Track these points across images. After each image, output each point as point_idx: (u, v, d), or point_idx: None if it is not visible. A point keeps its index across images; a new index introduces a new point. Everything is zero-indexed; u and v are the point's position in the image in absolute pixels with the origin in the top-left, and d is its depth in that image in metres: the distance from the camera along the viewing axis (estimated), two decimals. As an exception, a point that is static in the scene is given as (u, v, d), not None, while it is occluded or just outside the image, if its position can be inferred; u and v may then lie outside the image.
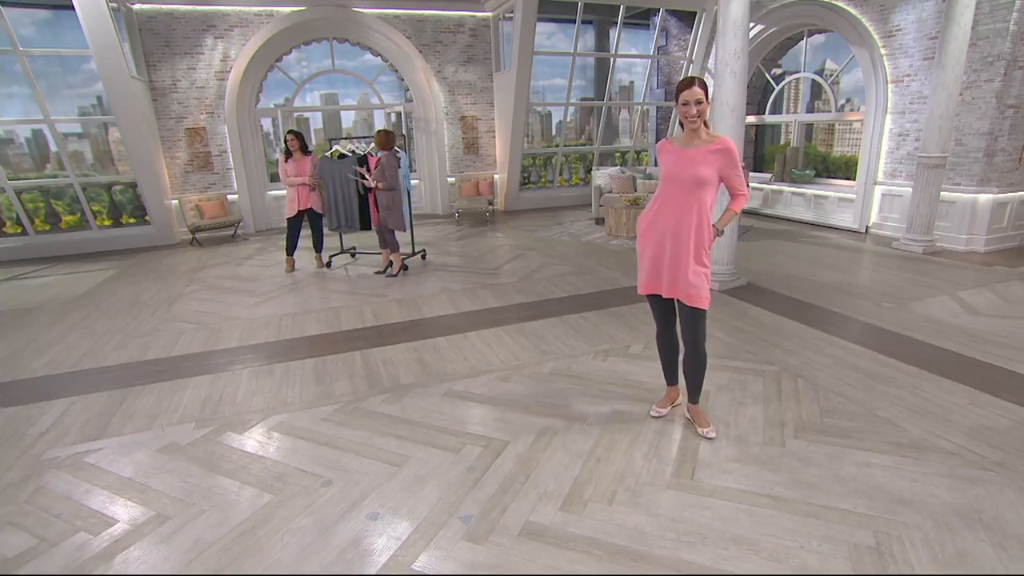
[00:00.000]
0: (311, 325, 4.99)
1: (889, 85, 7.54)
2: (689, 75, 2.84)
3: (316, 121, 11.11)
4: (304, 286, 6.30)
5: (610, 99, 11.64)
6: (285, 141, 6.65)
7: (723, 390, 3.51)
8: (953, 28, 6.23)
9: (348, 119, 11.35)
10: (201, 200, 9.06)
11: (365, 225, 6.75)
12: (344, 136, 8.50)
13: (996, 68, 6.47)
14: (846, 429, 3.05)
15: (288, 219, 6.83)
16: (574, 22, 10.45)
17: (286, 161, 6.60)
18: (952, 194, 6.89)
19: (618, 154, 12.71)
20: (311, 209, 6.79)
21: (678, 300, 2.88)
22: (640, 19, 12.28)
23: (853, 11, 7.75)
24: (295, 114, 10.25)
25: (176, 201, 9.13)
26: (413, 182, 10.41)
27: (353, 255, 7.54)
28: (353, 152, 6.73)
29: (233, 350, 4.45)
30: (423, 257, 7.37)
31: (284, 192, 9.31)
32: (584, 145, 12.91)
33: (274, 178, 9.87)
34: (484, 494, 2.58)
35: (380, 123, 11.13)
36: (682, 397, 3.30)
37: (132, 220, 9.07)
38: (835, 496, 2.50)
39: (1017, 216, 7.03)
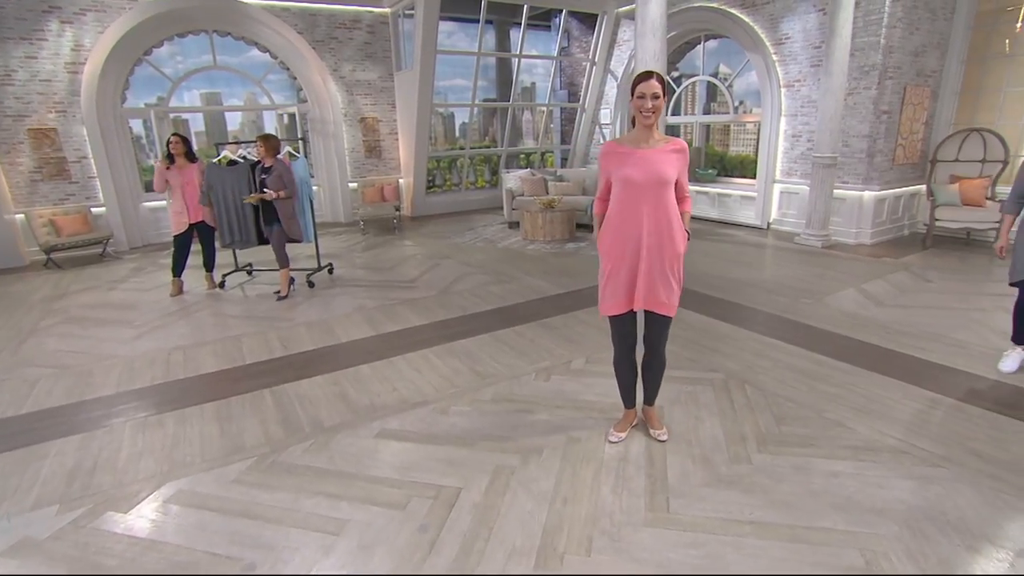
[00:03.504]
0: (207, 359, 4.30)
1: (782, 89, 7.98)
2: (646, 69, 2.63)
3: (197, 123, 9.95)
4: (195, 312, 5.49)
5: (514, 100, 11.48)
6: (168, 144, 5.78)
7: (676, 404, 3.37)
8: (836, 39, 6.67)
9: (234, 121, 10.30)
10: (56, 214, 7.74)
11: (263, 239, 6.04)
12: (232, 140, 7.61)
13: (871, 77, 7.01)
14: (803, 436, 3.00)
15: (175, 236, 5.95)
16: (474, 21, 10.18)
17: (167, 168, 5.73)
18: (842, 191, 7.40)
19: (523, 155, 12.62)
20: (202, 222, 5.96)
21: (648, 311, 2.70)
22: (541, 20, 12.26)
23: (747, 19, 8.13)
24: (171, 115, 9.10)
25: (22, 215, 7.72)
26: (313, 188, 9.63)
27: (250, 272, 6.76)
28: (244, 158, 6.00)
29: (109, 399, 3.69)
30: (330, 271, 6.75)
31: (163, 203, 8.29)
32: (488, 147, 12.69)
33: (149, 187, 8.68)
34: (444, 559, 2.21)
35: (271, 125, 10.20)
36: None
37: (-39, 240, 7.57)
38: (814, 514, 2.40)
39: (892, 211, 7.69)
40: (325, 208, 10.22)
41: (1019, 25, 7.22)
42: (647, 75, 2.50)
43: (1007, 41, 7.40)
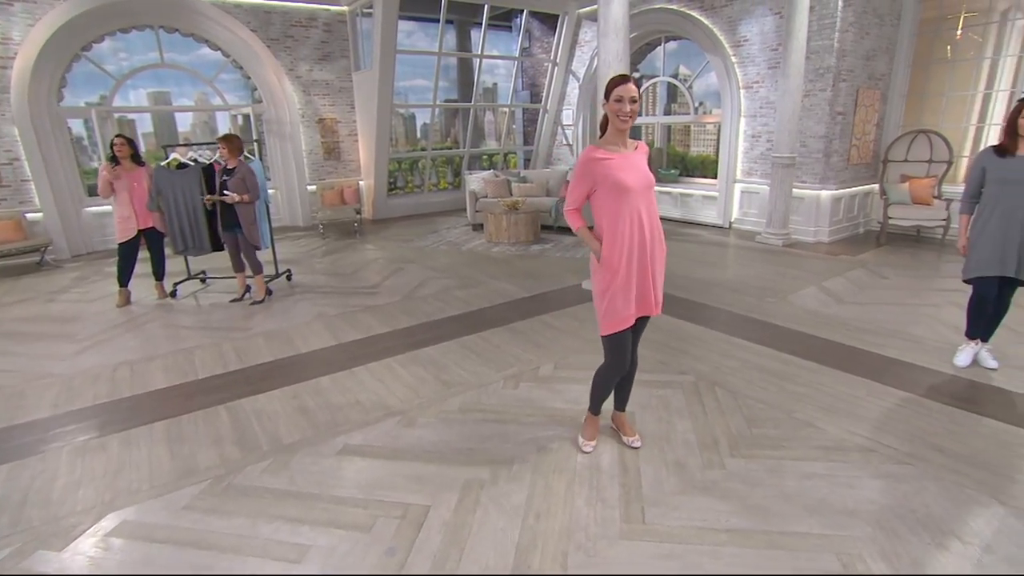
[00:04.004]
0: (157, 375, 4.05)
1: (741, 90, 8.11)
2: (620, 73, 2.59)
3: (144, 124, 9.47)
4: (144, 323, 5.19)
5: (476, 101, 11.37)
6: (111, 146, 5.44)
7: (647, 409, 3.33)
8: (793, 42, 6.80)
9: (185, 122, 9.85)
10: (-14, 221, 7.25)
11: (217, 245, 5.77)
12: (182, 142, 7.27)
13: (826, 79, 7.18)
14: (774, 438, 3.00)
15: (121, 244, 5.61)
16: (434, 21, 10.04)
17: (113, 170, 5.41)
18: (801, 190, 7.56)
19: (485, 157, 12.52)
20: (152, 228, 5.65)
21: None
22: (502, 21, 12.19)
23: (706, 21, 8.23)
24: (116, 115, 8.64)
25: (-52, 223, 7.21)
26: (269, 191, 9.29)
27: (203, 280, 6.45)
28: (195, 161, 5.72)
29: (44, 422, 3.41)
30: (288, 278, 6.50)
31: (108, 208, 7.86)
32: (451, 148, 12.55)
33: (93, 191, 8.21)
34: (413, 584, 2.10)
35: (224, 126, 9.81)
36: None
37: None
38: (789, 519, 2.38)
39: (847, 210, 7.90)
40: (283, 212, 9.91)
41: (959, 32, 7.55)
42: (624, 79, 2.45)
43: (948, 47, 7.72)
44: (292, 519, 2.46)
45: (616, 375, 2.79)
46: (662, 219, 2.69)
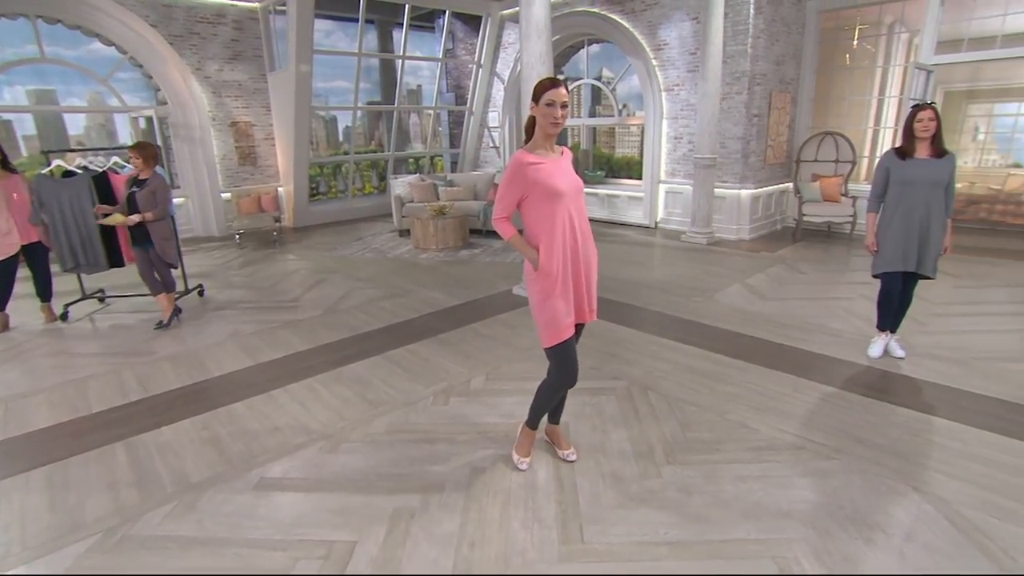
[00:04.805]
0: (40, 412, 3.58)
1: (663, 93, 8.30)
2: (549, 76, 2.52)
3: (25, 125, 8.55)
4: (26, 352, 4.62)
5: (400, 103, 11.08)
6: None
7: (581, 418, 3.26)
8: (710, 47, 7.01)
9: (76, 125, 8.98)
10: None
11: (115, 261, 5.25)
12: (73, 147, 6.60)
13: (742, 83, 7.46)
14: (708, 442, 3.00)
15: None
16: (353, 20, 9.68)
17: None
18: (722, 190, 7.82)
19: (411, 160, 12.24)
20: (36, 243, 5.06)
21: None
22: (425, 21, 11.95)
23: (627, 24, 8.37)
24: (-12, 116, 7.76)
25: None
26: (177, 200, 8.63)
27: (102, 300, 5.86)
28: (85, 168, 5.18)
29: None
30: (200, 294, 6.03)
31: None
32: (375, 152, 12.18)
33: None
34: (337, 636, 1.91)
35: (124, 129, 9.04)
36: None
37: None
38: (726, 525, 2.37)
39: (765, 208, 8.26)
40: (195, 221, 9.24)
41: (855, 42, 8.07)
42: (555, 82, 2.35)
43: (847, 55, 8.24)
44: (200, 570, 2.20)
45: (564, 388, 2.68)
46: (590, 220, 2.63)
